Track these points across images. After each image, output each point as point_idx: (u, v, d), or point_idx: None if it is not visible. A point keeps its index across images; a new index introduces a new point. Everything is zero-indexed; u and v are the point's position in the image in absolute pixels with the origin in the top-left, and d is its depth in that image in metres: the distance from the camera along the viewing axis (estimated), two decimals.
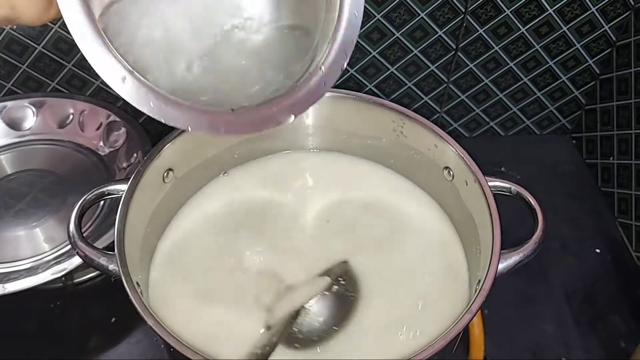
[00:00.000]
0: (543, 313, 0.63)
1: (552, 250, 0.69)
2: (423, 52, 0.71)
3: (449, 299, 0.46)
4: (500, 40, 0.70)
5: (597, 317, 0.63)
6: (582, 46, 0.71)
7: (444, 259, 0.49)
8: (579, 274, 0.67)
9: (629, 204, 0.69)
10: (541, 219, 0.43)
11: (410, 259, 0.49)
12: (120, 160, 0.64)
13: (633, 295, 0.65)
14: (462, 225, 0.50)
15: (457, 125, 0.81)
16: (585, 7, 0.67)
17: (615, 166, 0.72)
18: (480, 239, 0.44)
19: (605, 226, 0.72)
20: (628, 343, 0.60)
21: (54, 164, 0.64)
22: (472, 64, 0.73)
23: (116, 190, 0.45)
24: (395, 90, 0.75)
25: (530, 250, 0.42)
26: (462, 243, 0.49)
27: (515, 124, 0.81)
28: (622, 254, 0.69)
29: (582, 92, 0.77)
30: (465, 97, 0.77)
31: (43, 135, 0.67)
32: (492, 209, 0.42)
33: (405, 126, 0.51)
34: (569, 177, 0.78)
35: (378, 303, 0.46)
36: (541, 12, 0.67)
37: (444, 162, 0.49)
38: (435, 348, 0.36)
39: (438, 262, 0.48)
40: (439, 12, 0.67)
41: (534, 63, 0.73)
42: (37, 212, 0.59)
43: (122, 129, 0.65)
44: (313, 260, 0.48)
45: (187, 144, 0.49)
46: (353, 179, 0.55)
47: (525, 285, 0.65)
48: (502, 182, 0.45)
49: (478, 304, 0.38)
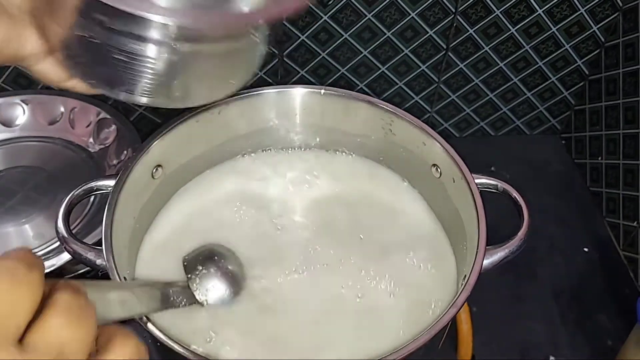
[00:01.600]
0: (531, 311, 0.64)
1: (541, 249, 0.69)
2: (414, 51, 0.71)
3: (436, 293, 0.46)
4: (490, 40, 0.71)
5: (585, 316, 0.63)
6: (571, 47, 0.72)
7: (432, 254, 0.49)
8: (567, 273, 0.67)
9: (617, 203, 0.70)
10: (526, 216, 0.43)
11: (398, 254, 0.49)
12: (110, 158, 0.64)
13: (620, 294, 0.66)
14: (449, 222, 0.50)
15: (448, 125, 0.81)
16: (574, 8, 0.67)
17: (603, 166, 0.73)
18: (467, 235, 0.45)
19: (594, 225, 0.72)
20: (615, 341, 0.61)
21: (44, 161, 0.64)
22: (462, 64, 0.73)
23: (105, 185, 0.45)
24: (386, 90, 0.76)
25: (516, 246, 0.42)
26: (449, 240, 0.50)
27: (505, 124, 0.82)
28: (610, 252, 0.69)
29: (571, 92, 0.78)
30: (456, 97, 0.77)
31: (33, 132, 0.67)
32: (478, 205, 0.43)
33: (393, 124, 0.51)
34: (558, 176, 0.79)
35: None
36: (531, 13, 0.68)
37: (432, 160, 0.50)
38: (420, 342, 0.36)
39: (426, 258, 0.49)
40: (430, 12, 0.67)
41: (524, 63, 0.73)
42: (26, 208, 0.59)
43: (113, 126, 0.65)
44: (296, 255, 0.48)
45: (177, 141, 0.49)
46: (341, 175, 0.55)
47: (513, 284, 0.66)
48: (489, 179, 0.46)
49: (463, 298, 0.38)
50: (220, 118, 0.51)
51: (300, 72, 0.72)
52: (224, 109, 0.51)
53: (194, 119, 0.49)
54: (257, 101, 0.52)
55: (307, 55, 0.71)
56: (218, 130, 0.52)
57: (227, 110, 0.51)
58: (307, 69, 0.72)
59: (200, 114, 0.49)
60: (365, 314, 0.44)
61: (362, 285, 0.46)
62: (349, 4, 0.65)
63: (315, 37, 0.69)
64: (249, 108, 0.52)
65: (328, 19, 0.67)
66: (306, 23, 0.67)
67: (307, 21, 0.67)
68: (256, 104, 0.52)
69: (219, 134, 0.53)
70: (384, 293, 0.46)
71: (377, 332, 0.43)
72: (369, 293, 0.46)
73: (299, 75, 0.73)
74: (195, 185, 0.54)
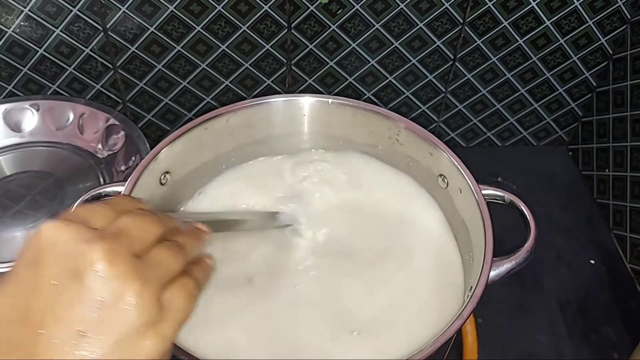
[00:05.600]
0: (537, 323, 0.63)
1: (547, 261, 0.69)
2: (421, 61, 0.71)
3: (443, 305, 0.46)
4: (497, 51, 0.71)
5: (591, 328, 0.63)
6: (578, 59, 0.72)
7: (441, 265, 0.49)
8: (573, 285, 0.67)
9: (624, 215, 0.69)
10: (533, 228, 0.43)
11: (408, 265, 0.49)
12: (118, 164, 0.64)
13: (626, 307, 0.65)
14: (456, 233, 0.50)
15: (455, 135, 0.81)
16: (582, 20, 0.68)
17: (610, 178, 0.72)
18: (473, 246, 0.44)
19: (600, 237, 0.72)
20: (621, 354, 0.61)
21: (53, 166, 0.65)
22: (469, 74, 0.73)
23: (113, 191, 0.45)
24: (393, 99, 0.76)
25: (522, 258, 0.42)
26: (459, 250, 0.50)
27: (512, 134, 0.82)
28: (617, 265, 0.69)
29: (578, 104, 0.78)
30: (463, 107, 0.77)
31: (42, 137, 0.67)
32: (484, 216, 0.43)
33: (400, 134, 0.51)
34: (565, 188, 0.78)
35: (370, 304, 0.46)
36: (538, 25, 0.68)
37: (438, 170, 0.50)
38: (426, 353, 0.36)
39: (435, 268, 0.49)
40: (438, 23, 0.67)
41: (531, 75, 0.74)
42: (35, 213, 0.60)
43: (121, 133, 0.65)
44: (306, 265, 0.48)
45: (185, 148, 0.49)
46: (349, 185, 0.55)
47: (519, 295, 0.65)
48: (496, 190, 0.46)
49: (469, 310, 0.38)
50: (229, 126, 0.51)
51: (308, 81, 0.73)
52: (232, 116, 0.51)
53: (203, 127, 0.50)
54: (265, 109, 0.52)
55: (315, 64, 0.71)
56: (226, 137, 0.52)
57: (235, 118, 0.51)
58: (314, 77, 0.72)
59: (209, 121, 0.50)
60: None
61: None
62: (357, 13, 0.66)
63: (324, 46, 0.69)
64: (257, 116, 0.53)
65: (336, 28, 0.67)
66: (314, 32, 0.67)
67: (315, 30, 0.67)
68: (264, 112, 0.53)
69: (227, 141, 0.53)
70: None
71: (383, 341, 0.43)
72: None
73: (306, 83, 0.73)
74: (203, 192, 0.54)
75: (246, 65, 0.70)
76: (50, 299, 0.26)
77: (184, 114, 0.75)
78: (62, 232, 0.27)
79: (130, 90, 0.71)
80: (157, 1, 0.62)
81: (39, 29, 0.63)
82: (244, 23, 0.66)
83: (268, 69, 0.71)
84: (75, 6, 0.62)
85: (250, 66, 0.70)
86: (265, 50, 0.69)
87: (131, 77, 0.69)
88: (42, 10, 0.62)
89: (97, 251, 0.26)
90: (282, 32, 0.67)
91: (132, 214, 0.29)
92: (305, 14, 0.66)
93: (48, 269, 0.26)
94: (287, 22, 0.66)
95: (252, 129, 0.53)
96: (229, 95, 0.73)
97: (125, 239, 0.27)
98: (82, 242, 0.26)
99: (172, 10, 0.63)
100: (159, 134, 0.76)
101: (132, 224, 0.28)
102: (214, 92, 0.73)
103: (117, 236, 0.27)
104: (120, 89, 0.71)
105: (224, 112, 0.50)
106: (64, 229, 0.27)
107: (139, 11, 0.63)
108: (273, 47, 0.69)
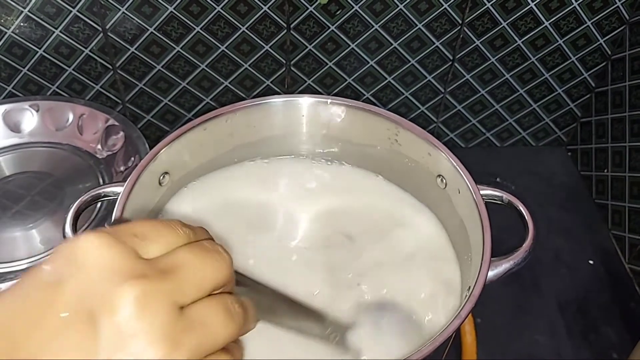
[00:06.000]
0: (536, 323, 0.63)
1: (546, 261, 0.69)
2: (420, 62, 0.72)
3: (441, 305, 0.46)
4: (496, 52, 0.71)
5: (590, 328, 0.63)
6: (577, 59, 0.72)
7: (437, 266, 0.49)
8: (572, 285, 0.67)
9: (623, 215, 0.69)
10: (531, 227, 0.43)
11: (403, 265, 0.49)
12: (118, 164, 0.64)
13: (625, 307, 0.65)
14: (454, 234, 0.50)
15: (453, 136, 0.81)
16: (581, 21, 0.68)
17: (609, 178, 0.72)
18: (472, 247, 0.44)
19: (599, 238, 0.72)
20: (620, 354, 0.61)
21: (52, 167, 0.65)
22: (468, 75, 0.73)
23: (112, 192, 0.45)
24: (392, 100, 0.76)
25: (521, 258, 0.42)
26: (455, 251, 0.50)
27: (511, 135, 0.82)
28: (615, 265, 0.69)
29: (577, 104, 0.78)
30: (462, 107, 0.78)
31: (42, 137, 0.67)
32: (482, 217, 0.43)
33: (399, 134, 0.51)
34: (563, 188, 0.79)
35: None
36: (537, 25, 0.68)
37: (437, 170, 0.50)
38: (424, 353, 0.36)
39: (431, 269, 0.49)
40: (437, 24, 0.67)
41: (530, 75, 0.74)
42: (34, 213, 0.60)
43: (121, 133, 0.65)
44: (303, 266, 0.48)
45: (184, 148, 0.49)
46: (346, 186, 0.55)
47: (518, 295, 0.65)
48: (494, 190, 0.46)
49: (467, 309, 0.38)
50: (228, 126, 0.51)
51: (307, 82, 0.73)
52: (231, 117, 0.51)
53: (202, 127, 0.50)
54: (264, 110, 0.52)
55: (314, 65, 0.71)
56: (225, 138, 0.52)
57: (234, 118, 0.51)
58: (314, 78, 0.72)
59: (208, 122, 0.50)
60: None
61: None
62: (356, 14, 0.66)
63: (323, 47, 0.69)
64: (256, 117, 0.53)
65: (335, 29, 0.67)
66: (314, 33, 0.68)
67: (314, 31, 0.67)
68: (263, 113, 0.53)
69: (226, 142, 0.53)
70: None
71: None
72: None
73: (305, 84, 0.73)
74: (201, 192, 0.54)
75: (245, 66, 0.70)
76: (50, 338, 0.20)
77: (184, 115, 0.75)
78: (102, 253, 0.21)
79: (129, 90, 0.71)
80: (157, 2, 0.62)
81: (38, 29, 0.63)
82: (243, 24, 0.66)
83: (267, 70, 0.71)
84: (75, 7, 0.62)
85: (250, 67, 0.70)
86: (265, 50, 0.69)
87: (131, 78, 0.70)
88: (42, 11, 0.62)
89: (125, 294, 0.20)
90: (281, 33, 0.67)
91: (196, 248, 0.22)
92: (304, 15, 0.66)
93: (66, 296, 0.20)
94: (286, 23, 0.66)
95: (251, 129, 0.53)
96: (228, 95, 0.73)
97: (174, 282, 0.21)
98: (116, 276, 0.20)
99: (172, 11, 0.63)
100: (159, 135, 0.77)
101: (192, 262, 0.22)
102: (214, 93, 0.73)
103: (164, 275, 0.21)
104: (119, 90, 0.71)
105: (224, 113, 0.50)
106: (106, 249, 0.21)
107: (139, 12, 0.63)
108: (272, 47, 0.69)
